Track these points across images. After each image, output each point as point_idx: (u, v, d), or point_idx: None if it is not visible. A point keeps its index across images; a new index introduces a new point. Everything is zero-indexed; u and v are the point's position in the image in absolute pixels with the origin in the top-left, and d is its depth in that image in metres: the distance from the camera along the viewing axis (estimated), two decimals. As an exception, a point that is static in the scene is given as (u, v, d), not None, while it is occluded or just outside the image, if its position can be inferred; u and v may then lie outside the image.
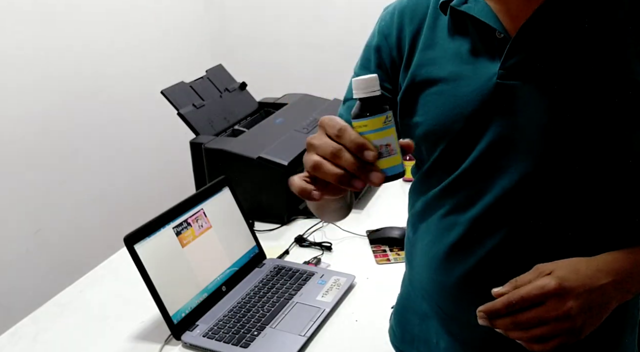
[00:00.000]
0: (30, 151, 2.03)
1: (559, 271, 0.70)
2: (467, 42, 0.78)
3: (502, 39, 0.74)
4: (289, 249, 1.50)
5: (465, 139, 0.78)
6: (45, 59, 2.06)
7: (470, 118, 0.76)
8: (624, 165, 0.74)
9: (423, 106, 0.81)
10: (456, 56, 0.78)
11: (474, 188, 0.79)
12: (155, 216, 1.22)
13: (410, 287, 0.98)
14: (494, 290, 0.72)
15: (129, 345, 1.19)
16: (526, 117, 0.74)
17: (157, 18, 2.56)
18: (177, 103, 1.70)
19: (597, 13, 0.71)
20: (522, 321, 0.69)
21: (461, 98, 0.77)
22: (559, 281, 0.68)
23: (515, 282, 0.71)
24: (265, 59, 2.79)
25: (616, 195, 0.76)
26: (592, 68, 0.71)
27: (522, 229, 0.78)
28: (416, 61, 0.82)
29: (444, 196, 0.83)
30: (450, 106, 0.78)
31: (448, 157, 0.81)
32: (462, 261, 0.82)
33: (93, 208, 2.29)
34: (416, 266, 0.93)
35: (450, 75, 0.78)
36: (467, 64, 0.77)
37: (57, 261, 2.13)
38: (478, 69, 0.76)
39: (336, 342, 1.16)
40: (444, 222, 0.84)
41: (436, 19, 0.81)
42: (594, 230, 0.77)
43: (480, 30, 0.76)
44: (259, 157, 1.56)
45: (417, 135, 0.82)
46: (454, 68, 0.78)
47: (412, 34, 0.83)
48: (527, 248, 0.78)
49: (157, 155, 2.58)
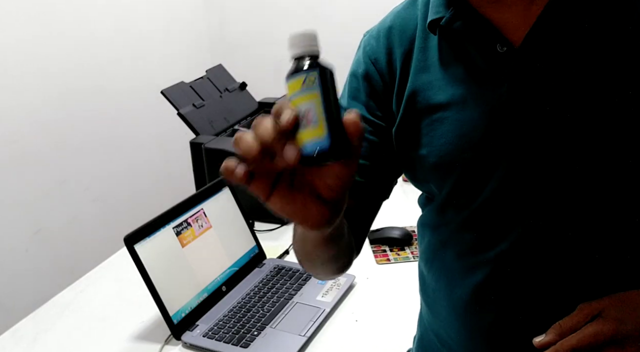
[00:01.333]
0: (30, 151, 2.03)
1: (610, 310, 0.62)
2: (466, 62, 0.69)
3: (505, 53, 0.66)
4: (289, 249, 1.50)
5: (479, 169, 0.69)
6: (45, 58, 2.06)
7: (480, 145, 0.68)
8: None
9: (426, 136, 0.72)
10: (456, 78, 0.70)
11: (497, 222, 0.70)
12: (155, 216, 1.22)
13: (430, 332, 0.88)
14: (536, 340, 0.63)
15: (129, 345, 1.19)
16: (544, 137, 0.65)
17: (157, 18, 2.56)
18: (177, 103, 1.70)
19: (601, 15, 0.65)
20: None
21: (468, 124, 0.68)
22: (615, 324, 0.60)
23: (560, 328, 0.63)
24: (265, 59, 2.78)
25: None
26: (606, 72, 0.63)
27: (554, 261, 0.69)
28: (411, 86, 0.73)
29: (462, 233, 0.74)
30: (457, 134, 0.69)
31: (462, 190, 0.72)
32: (494, 302, 0.72)
33: (93, 208, 2.29)
34: (438, 310, 0.83)
35: (452, 100, 0.69)
36: (469, 85, 0.68)
37: (57, 261, 2.12)
38: (482, 90, 0.68)
39: (336, 342, 1.16)
40: (464, 261, 0.75)
41: (426, 39, 0.73)
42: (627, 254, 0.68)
43: (478, 47, 0.68)
44: (259, 157, 1.56)
45: (425, 170, 0.74)
46: (456, 91, 0.69)
47: (403, 55, 0.75)
48: (564, 281, 0.69)
49: (157, 155, 2.58)
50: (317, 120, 0.49)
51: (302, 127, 0.49)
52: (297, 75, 0.51)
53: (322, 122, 0.49)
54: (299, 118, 0.49)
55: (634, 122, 0.63)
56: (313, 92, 0.50)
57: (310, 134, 0.49)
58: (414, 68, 0.73)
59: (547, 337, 0.62)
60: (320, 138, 0.49)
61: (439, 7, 0.71)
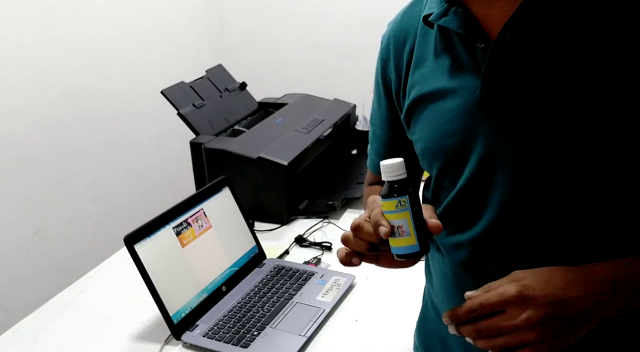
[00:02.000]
0: (30, 151, 2.03)
1: (528, 278, 0.67)
2: (452, 56, 0.75)
3: (484, 49, 0.71)
4: (289, 249, 1.50)
5: (458, 155, 0.76)
6: (45, 58, 2.06)
7: (459, 133, 0.74)
8: (621, 164, 0.69)
9: (416, 124, 0.80)
10: (442, 71, 0.76)
11: (473, 206, 0.77)
12: (155, 216, 1.22)
13: (430, 305, 0.95)
14: (467, 293, 0.70)
15: (129, 345, 1.19)
16: (514, 126, 0.70)
17: (157, 18, 2.56)
18: (177, 103, 1.70)
19: (576, 13, 0.67)
20: (481, 329, 0.67)
21: (449, 113, 0.75)
22: (520, 288, 0.65)
23: (488, 287, 0.69)
24: (265, 59, 2.79)
25: (618, 197, 0.71)
26: (579, 68, 0.67)
27: (526, 244, 0.74)
28: (411, 80, 0.80)
29: (448, 215, 0.81)
30: (439, 122, 0.76)
31: (445, 174, 0.79)
32: (472, 282, 0.76)
33: (93, 208, 2.29)
34: (434, 284, 0.91)
35: (437, 91, 0.76)
36: (452, 78, 0.75)
37: (57, 261, 2.13)
38: (462, 83, 0.73)
39: (336, 342, 1.16)
40: (448, 241, 0.82)
41: (425, 34, 0.79)
42: (601, 234, 0.72)
43: (462, 42, 0.73)
44: (259, 157, 1.56)
45: (418, 154, 0.82)
46: (440, 83, 0.76)
47: (409, 53, 0.81)
48: (535, 263, 0.72)
49: (157, 155, 2.58)
50: (409, 233, 0.69)
51: (396, 236, 0.69)
52: (392, 198, 0.69)
53: (413, 235, 0.69)
54: (393, 230, 0.69)
55: (603, 117, 0.66)
56: (405, 212, 0.69)
57: (403, 242, 0.69)
58: (414, 62, 0.80)
59: (474, 292, 0.70)
60: (411, 245, 0.69)
61: (433, 3, 0.76)
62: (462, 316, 0.69)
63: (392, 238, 0.69)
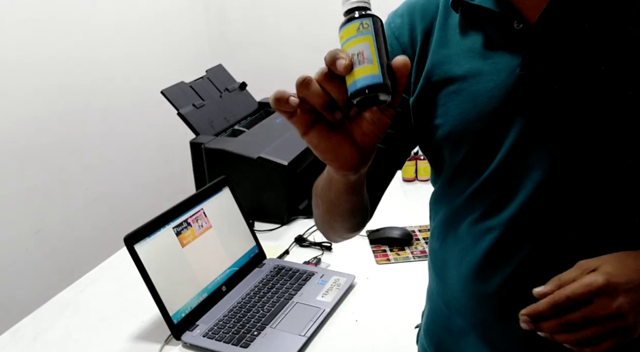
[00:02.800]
0: (30, 151, 2.03)
1: (605, 266, 0.65)
2: (482, 37, 0.74)
3: (521, 30, 0.70)
4: (289, 249, 1.50)
5: (490, 138, 0.74)
6: (45, 59, 2.06)
7: (493, 116, 0.72)
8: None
9: (442, 107, 0.77)
10: (473, 52, 0.74)
11: (505, 189, 0.75)
12: (155, 216, 1.22)
13: (440, 303, 0.91)
14: (536, 290, 0.67)
15: (129, 345, 1.19)
16: (551, 108, 0.70)
17: (157, 18, 2.56)
18: (177, 103, 1.70)
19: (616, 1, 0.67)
20: (570, 322, 0.64)
21: (482, 95, 0.73)
22: (607, 276, 0.64)
23: (559, 281, 0.66)
24: (265, 59, 2.79)
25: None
26: (623, 52, 0.67)
27: (560, 227, 0.73)
28: (430, 60, 0.78)
29: (473, 201, 0.79)
30: (471, 105, 0.73)
31: (473, 159, 0.76)
32: (501, 267, 0.77)
33: (93, 208, 2.29)
34: (448, 279, 0.87)
35: (469, 72, 0.74)
36: (484, 59, 0.73)
37: (57, 261, 2.13)
38: (497, 64, 0.72)
39: (336, 342, 1.16)
40: (475, 228, 0.79)
41: (447, 17, 0.78)
42: (633, 222, 0.72)
43: (496, 22, 0.72)
44: (259, 157, 1.56)
45: (438, 138, 0.78)
46: (472, 64, 0.74)
47: (424, 31, 0.79)
48: (568, 246, 0.73)
49: (157, 155, 2.58)
50: (370, 59, 0.56)
51: (356, 66, 0.56)
52: (353, 21, 0.57)
53: (375, 60, 0.56)
54: (352, 60, 0.56)
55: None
56: (368, 35, 0.57)
57: (363, 71, 0.56)
58: (435, 43, 0.78)
59: (546, 287, 0.67)
60: (372, 74, 0.56)
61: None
62: (547, 312, 0.65)
63: (353, 70, 0.56)
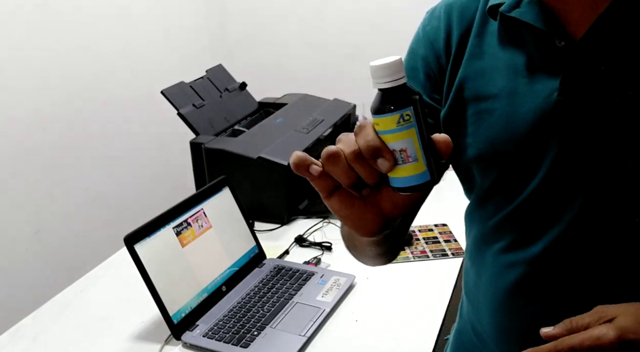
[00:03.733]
0: (30, 151, 2.03)
1: (622, 319, 0.60)
2: (521, 53, 0.67)
3: (563, 48, 0.64)
4: (289, 249, 1.50)
5: (521, 165, 0.68)
6: (45, 58, 2.06)
7: (526, 141, 0.67)
8: None
9: (472, 125, 0.71)
10: (509, 69, 0.68)
11: (536, 222, 0.70)
12: (155, 216, 1.22)
13: (469, 325, 0.88)
14: (543, 330, 0.63)
15: (129, 345, 1.19)
16: (590, 137, 0.64)
17: (157, 18, 2.56)
18: (177, 103, 1.70)
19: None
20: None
21: (516, 117, 0.67)
22: (619, 332, 0.58)
23: (570, 324, 0.62)
24: (265, 59, 2.79)
25: None
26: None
27: (591, 266, 0.68)
28: (463, 72, 0.72)
29: (502, 229, 0.74)
30: (504, 127, 0.67)
31: (503, 185, 0.71)
32: (527, 304, 0.73)
33: (93, 208, 2.29)
34: (477, 304, 0.83)
35: (503, 92, 0.68)
36: (522, 78, 0.67)
37: (57, 261, 2.12)
38: (535, 84, 0.66)
39: (336, 342, 1.16)
40: (502, 259, 0.75)
41: (484, 24, 0.71)
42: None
43: (536, 38, 0.66)
44: (259, 157, 1.56)
45: (468, 158, 0.73)
46: (507, 83, 0.68)
47: (459, 38, 0.73)
48: (599, 287, 0.68)
49: (157, 155, 2.58)
50: (415, 156, 0.50)
51: (399, 163, 0.50)
52: (391, 113, 0.49)
53: (420, 157, 0.50)
54: (394, 156, 0.50)
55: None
56: (411, 129, 0.50)
57: (409, 170, 0.51)
58: (468, 53, 0.72)
59: (555, 330, 0.62)
60: (419, 173, 0.50)
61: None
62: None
63: (394, 167, 0.51)
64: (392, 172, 0.51)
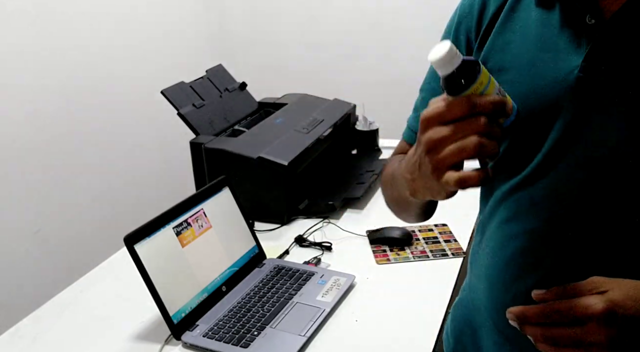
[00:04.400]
0: (30, 151, 2.03)
1: (614, 292, 0.61)
2: (550, 28, 0.68)
3: (592, 26, 0.64)
4: (289, 249, 1.50)
5: (533, 137, 0.70)
6: (45, 58, 2.06)
7: (541, 113, 0.68)
8: None
9: None
10: (536, 42, 0.69)
11: (536, 195, 0.71)
12: (155, 216, 1.22)
13: (470, 296, 0.90)
14: (535, 292, 0.66)
15: (129, 345, 1.19)
16: (603, 117, 0.65)
17: (157, 18, 2.56)
18: (177, 103, 1.70)
19: None
20: (554, 336, 0.63)
21: (534, 90, 0.68)
22: (608, 305, 0.60)
23: (562, 290, 0.64)
24: (265, 59, 2.79)
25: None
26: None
27: (589, 240, 0.69)
28: (489, 44, 0.74)
29: (506, 201, 0.75)
30: (522, 98, 0.68)
31: (512, 155, 0.73)
32: (521, 278, 0.74)
33: (93, 208, 2.29)
34: (475, 275, 0.86)
35: (526, 63, 0.70)
36: (546, 52, 0.68)
37: (57, 261, 2.13)
38: (559, 58, 0.67)
39: (336, 342, 1.16)
40: (504, 230, 0.76)
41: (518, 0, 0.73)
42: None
43: (568, 14, 0.67)
44: (259, 157, 1.56)
45: None
46: (532, 56, 0.69)
47: (493, 13, 0.75)
48: (595, 262, 0.69)
49: (157, 155, 2.58)
50: (505, 95, 0.62)
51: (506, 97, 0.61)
52: (472, 85, 0.58)
53: (507, 96, 0.62)
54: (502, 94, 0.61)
55: None
56: (491, 82, 0.60)
57: (509, 102, 0.61)
58: (498, 25, 0.74)
59: (546, 293, 0.65)
60: (512, 107, 0.61)
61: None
62: (533, 318, 0.65)
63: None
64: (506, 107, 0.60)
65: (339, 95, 2.02)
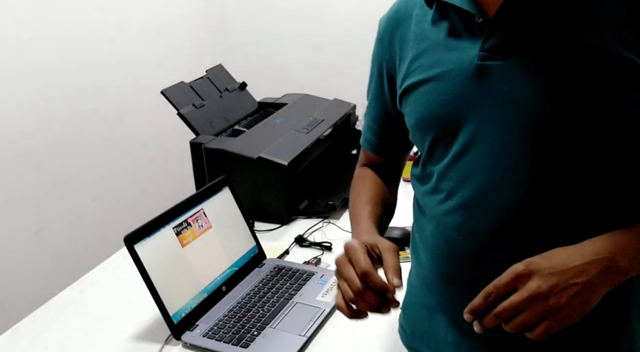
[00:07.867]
0: (30, 151, 2.03)
1: (533, 258, 0.70)
2: (449, 30, 0.80)
3: (482, 23, 0.76)
4: (289, 249, 1.50)
5: (454, 124, 0.79)
6: (45, 58, 2.06)
7: (456, 102, 0.78)
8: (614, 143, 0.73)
9: (412, 96, 0.85)
10: (440, 45, 0.81)
11: (465, 173, 0.80)
12: (155, 216, 1.22)
13: (417, 281, 0.97)
14: (466, 313, 0.72)
15: (129, 345, 1.19)
16: (510, 96, 0.74)
17: (156, 18, 2.56)
18: (177, 103, 1.70)
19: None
20: (500, 312, 0.69)
21: (446, 83, 0.79)
22: (526, 263, 0.69)
23: (494, 290, 0.71)
24: (265, 59, 2.78)
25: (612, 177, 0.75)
26: (575, 44, 0.71)
27: (517, 215, 0.77)
28: (411, 55, 0.85)
29: (439, 184, 0.84)
30: (437, 92, 0.80)
31: (438, 144, 0.83)
32: (460, 249, 0.82)
33: (93, 208, 2.29)
34: (420, 259, 0.93)
35: (437, 63, 0.80)
36: (449, 51, 0.79)
37: (57, 261, 2.13)
38: (461, 54, 0.78)
39: (336, 342, 1.16)
40: (440, 210, 0.84)
41: (424, 14, 0.84)
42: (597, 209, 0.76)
43: (462, 17, 0.78)
44: (259, 157, 1.56)
45: (411, 126, 0.87)
46: (440, 56, 0.80)
47: (404, 33, 0.87)
48: (527, 234, 0.77)
49: (157, 155, 2.58)
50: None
51: None
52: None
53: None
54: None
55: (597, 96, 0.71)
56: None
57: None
58: (414, 39, 0.85)
59: (475, 301, 0.71)
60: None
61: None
62: (481, 304, 0.71)
63: None
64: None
65: (339, 95, 2.02)
